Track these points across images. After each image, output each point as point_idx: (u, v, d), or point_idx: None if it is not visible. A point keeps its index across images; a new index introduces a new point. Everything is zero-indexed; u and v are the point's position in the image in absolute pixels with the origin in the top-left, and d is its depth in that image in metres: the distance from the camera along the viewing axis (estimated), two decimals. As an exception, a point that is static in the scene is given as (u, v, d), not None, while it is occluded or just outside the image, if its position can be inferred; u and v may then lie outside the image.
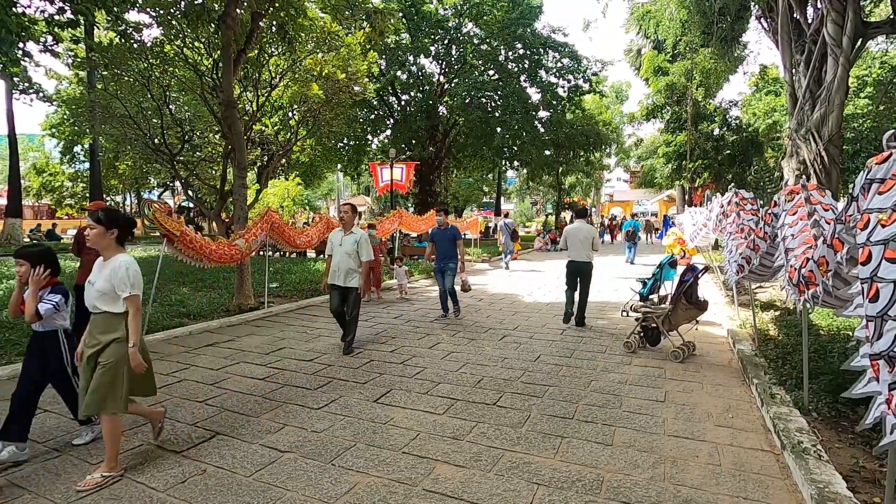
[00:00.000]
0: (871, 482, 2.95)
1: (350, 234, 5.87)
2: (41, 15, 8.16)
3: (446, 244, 7.78)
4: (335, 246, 5.89)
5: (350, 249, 5.80)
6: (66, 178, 30.15)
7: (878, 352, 1.98)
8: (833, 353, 4.95)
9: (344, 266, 5.78)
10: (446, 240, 7.80)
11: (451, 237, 7.82)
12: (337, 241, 5.90)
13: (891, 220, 1.97)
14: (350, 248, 5.80)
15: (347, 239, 5.85)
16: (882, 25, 10.53)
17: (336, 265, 5.82)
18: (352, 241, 5.84)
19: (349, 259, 5.78)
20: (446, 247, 7.77)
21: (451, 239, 7.81)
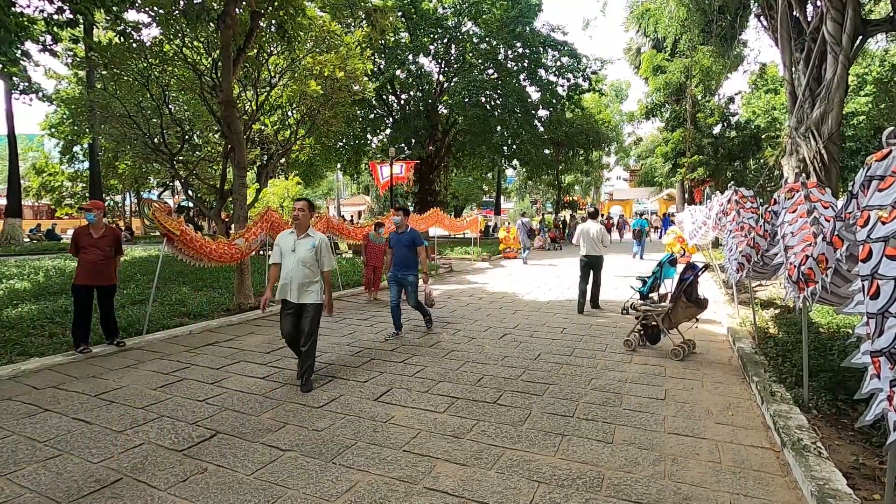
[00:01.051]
0: (871, 479, 2.96)
1: (306, 238, 4.73)
2: (40, 14, 8.16)
3: (403, 251, 6.53)
4: (286, 252, 4.73)
5: (306, 256, 4.65)
6: (66, 178, 30.12)
7: (880, 349, 1.98)
8: (833, 350, 4.95)
9: (298, 277, 4.63)
10: (403, 245, 6.54)
11: (408, 242, 6.55)
12: (288, 245, 4.73)
13: (891, 217, 1.97)
14: (306, 254, 4.65)
15: (303, 243, 4.71)
16: (881, 23, 10.53)
17: (287, 276, 4.66)
18: (308, 245, 4.68)
19: (304, 268, 4.66)
20: (403, 254, 6.53)
21: (408, 245, 6.54)
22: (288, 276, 4.67)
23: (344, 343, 6.35)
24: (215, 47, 9.09)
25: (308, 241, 4.74)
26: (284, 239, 4.82)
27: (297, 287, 4.64)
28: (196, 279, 10.80)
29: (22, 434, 3.64)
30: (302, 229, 4.78)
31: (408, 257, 6.52)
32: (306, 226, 4.80)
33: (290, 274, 4.66)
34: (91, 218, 5.59)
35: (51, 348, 5.69)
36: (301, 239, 4.75)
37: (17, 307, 7.59)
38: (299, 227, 4.77)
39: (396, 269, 6.56)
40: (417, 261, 6.58)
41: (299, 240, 4.74)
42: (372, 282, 9.89)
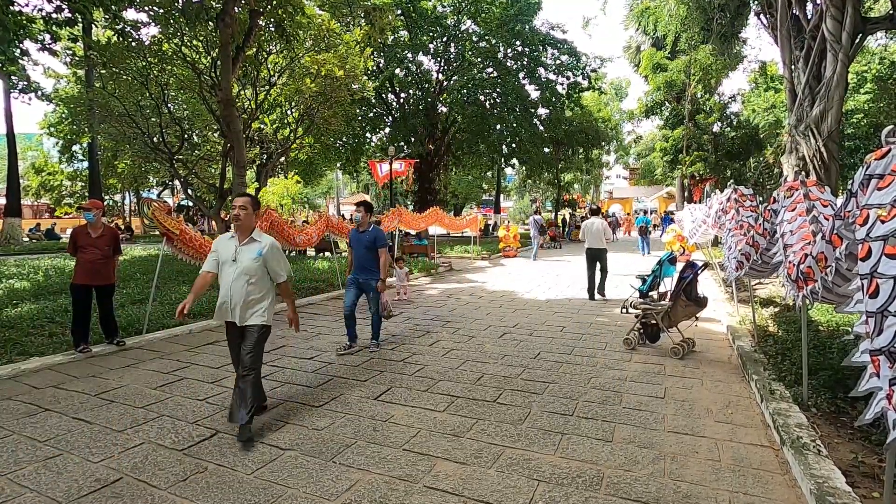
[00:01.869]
0: (871, 477, 2.96)
1: (250, 243, 3.75)
2: (39, 13, 8.15)
3: (363, 252, 5.75)
4: (224, 262, 3.73)
5: (250, 267, 3.66)
6: (65, 178, 30.10)
7: (879, 348, 1.98)
8: (832, 349, 4.96)
9: (240, 294, 3.63)
10: (363, 246, 5.74)
11: (369, 243, 5.73)
12: (227, 253, 3.73)
13: (890, 216, 1.97)
14: (250, 264, 3.67)
15: (246, 251, 3.71)
16: (881, 21, 10.53)
17: (226, 293, 3.67)
18: (253, 253, 3.70)
19: (248, 283, 3.66)
20: (363, 255, 5.76)
21: (369, 245, 5.73)
22: (227, 294, 3.68)
23: (344, 342, 6.35)
24: (214, 46, 9.10)
25: (253, 247, 3.73)
26: (223, 245, 3.79)
27: (239, 306, 3.64)
28: (196, 278, 10.77)
29: (22, 433, 3.65)
30: (245, 232, 3.76)
31: (368, 259, 5.77)
32: (250, 228, 3.79)
33: (231, 290, 3.66)
34: (90, 217, 5.58)
35: (51, 348, 5.69)
36: (244, 245, 3.73)
37: (16, 307, 7.59)
38: (241, 229, 3.75)
39: (356, 271, 5.84)
40: (377, 262, 5.79)
41: (242, 246, 3.73)
42: None
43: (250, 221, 3.79)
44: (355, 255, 5.85)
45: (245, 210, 3.74)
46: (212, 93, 8.95)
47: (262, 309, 3.76)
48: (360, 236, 5.80)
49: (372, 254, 5.75)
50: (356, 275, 5.85)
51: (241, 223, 3.74)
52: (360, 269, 5.82)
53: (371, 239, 5.73)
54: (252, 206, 3.78)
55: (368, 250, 5.74)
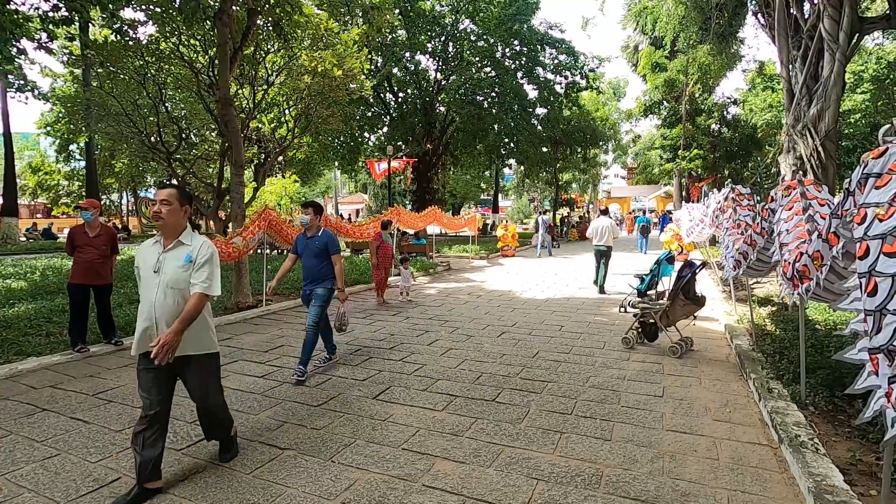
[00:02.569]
0: (868, 475, 2.97)
1: (177, 248, 2.90)
2: (35, 12, 8.11)
3: (312, 260, 5.04)
4: (145, 274, 2.90)
5: (179, 277, 2.84)
6: (62, 177, 30.03)
7: (878, 346, 1.99)
8: (830, 347, 4.97)
9: (168, 312, 2.81)
10: (312, 254, 5.04)
11: (318, 250, 5.02)
12: (148, 262, 2.90)
13: (888, 214, 1.98)
14: (178, 273, 2.85)
15: (172, 258, 2.88)
16: (878, 21, 10.56)
17: (149, 313, 2.82)
18: (180, 260, 2.87)
19: (178, 298, 2.84)
20: (312, 265, 5.04)
21: (319, 253, 5.02)
22: (150, 315, 2.81)
23: (342, 341, 6.34)
24: (212, 45, 9.07)
25: (180, 252, 2.89)
26: (144, 253, 2.95)
27: (167, 329, 2.75)
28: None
29: (20, 434, 3.63)
30: (171, 234, 2.91)
31: (318, 268, 5.03)
32: (177, 228, 2.92)
33: (155, 310, 2.80)
34: (87, 217, 5.57)
35: (48, 348, 5.68)
36: (170, 250, 2.89)
37: (13, 307, 7.56)
38: (165, 230, 2.89)
39: (306, 283, 5.12)
40: (330, 272, 5.06)
41: (167, 252, 2.88)
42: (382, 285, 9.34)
43: (177, 219, 2.90)
44: (304, 264, 5.10)
45: (168, 205, 2.85)
46: (209, 92, 8.92)
47: (200, 331, 2.93)
48: (308, 242, 5.07)
49: (322, 262, 5.04)
50: (307, 287, 5.10)
51: (163, 222, 2.85)
52: (310, 281, 5.07)
53: (322, 245, 5.03)
54: (179, 201, 2.91)
55: (319, 258, 5.03)
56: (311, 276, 5.06)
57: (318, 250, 5.02)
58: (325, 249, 5.03)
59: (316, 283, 5.05)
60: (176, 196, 2.90)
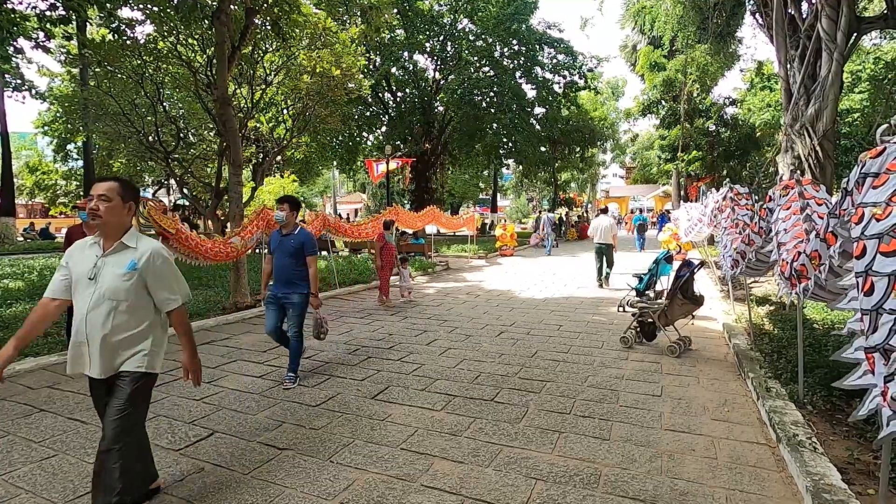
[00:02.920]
0: (866, 474, 2.98)
1: (120, 251, 2.48)
2: (33, 11, 8.09)
3: (287, 260, 4.66)
4: (78, 281, 2.46)
5: (118, 287, 2.42)
6: (60, 177, 29.95)
7: (874, 345, 1.99)
8: (828, 346, 4.98)
9: (102, 328, 2.41)
10: (287, 253, 4.67)
11: (293, 249, 4.66)
12: (83, 268, 2.46)
13: (885, 214, 1.98)
14: (118, 282, 2.42)
15: (112, 263, 2.45)
16: (876, 21, 10.58)
17: (81, 327, 2.43)
18: (123, 266, 2.45)
19: (113, 310, 2.42)
20: (287, 265, 4.66)
21: (293, 252, 4.66)
22: (82, 329, 2.41)
23: (341, 341, 6.35)
24: (210, 44, 9.06)
25: (123, 257, 2.44)
26: (77, 255, 2.49)
27: (101, 350, 2.38)
28: (192, 278, 10.75)
29: (17, 434, 3.63)
30: (111, 235, 2.45)
31: (292, 269, 4.65)
32: (120, 227, 2.46)
33: (87, 324, 2.39)
34: (85, 217, 5.54)
35: (45, 348, 5.67)
36: (109, 255, 2.44)
37: (10, 307, 7.54)
38: (104, 230, 2.45)
39: (277, 285, 4.71)
40: (305, 275, 4.69)
41: (107, 256, 2.43)
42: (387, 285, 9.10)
43: (119, 218, 2.42)
44: (277, 264, 4.71)
45: (107, 201, 2.37)
46: (207, 91, 8.91)
47: (141, 352, 2.47)
48: (283, 240, 4.71)
49: (297, 262, 4.65)
50: (277, 289, 4.70)
51: (101, 221, 2.38)
52: (282, 283, 4.67)
53: (297, 244, 4.66)
54: (122, 196, 2.42)
55: (294, 258, 4.65)
56: (284, 278, 4.67)
57: (294, 250, 4.65)
58: (300, 249, 4.65)
59: (290, 287, 4.66)
60: (117, 190, 2.43)
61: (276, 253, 4.72)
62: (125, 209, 2.47)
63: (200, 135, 13.12)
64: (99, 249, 2.48)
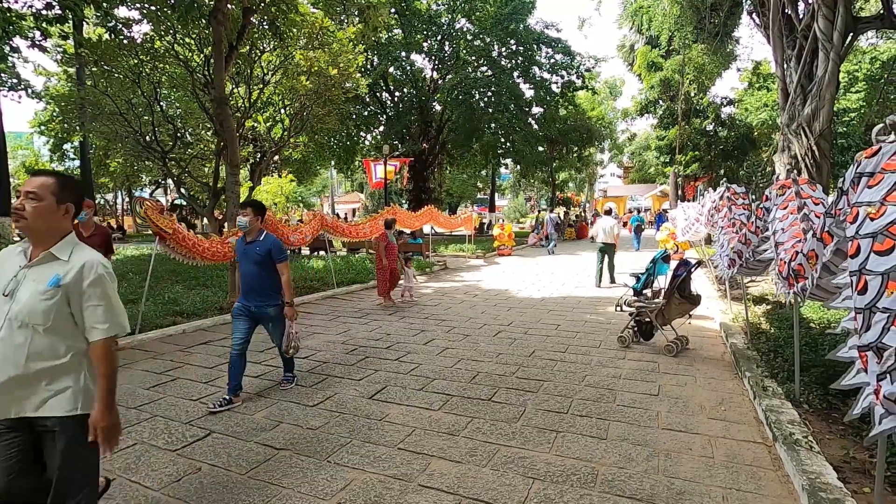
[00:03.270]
0: (861, 472, 2.99)
1: (47, 263, 1.95)
2: (29, 10, 8.06)
3: (253, 269, 4.30)
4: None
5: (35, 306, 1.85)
6: (56, 177, 29.80)
7: (867, 343, 2.00)
8: (824, 345, 4.99)
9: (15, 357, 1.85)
10: (252, 261, 4.29)
11: (260, 257, 4.27)
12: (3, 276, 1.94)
13: (879, 213, 1.99)
14: (36, 301, 1.86)
15: (35, 276, 1.92)
16: (872, 21, 10.62)
17: None
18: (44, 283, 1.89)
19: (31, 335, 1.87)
20: (254, 273, 4.30)
21: (260, 260, 4.28)
22: None
23: (338, 341, 6.34)
24: (207, 44, 9.04)
25: (46, 271, 1.94)
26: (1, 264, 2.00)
27: (15, 384, 1.86)
28: (189, 278, 10.73)
29: None
30: (38, 241, 1.98)
31: (260, 278, 4.31)
32: (50, 234, 1.98)
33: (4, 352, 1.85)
34: (81, 217, 5.53)
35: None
36: (33, 266, 1.95)
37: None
38: (31, 236, 1.98)
39: (245, 295, 4.37)
40: (277, 284, 4.37)
41: (31, 267, 1.95)
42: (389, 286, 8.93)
43: (49, 223, 1.95)
44: (243, 272, 4.38)
45: (37, 201, 1.91)
46: (205, 91, 8.89)
47: (68, 389, 1.92)
48: (247, 249, 4.35)
49: (265, 270, 4.32)
50: (246, 300, 4.36)
51: (26, 224, 1.92)
52: (250, 293, 4.35)
53: (263, 251, 4.30)
54: (57, 195, 1.95)
55: (260, 266, 4.29)
56: (252, 287, 4.34)
57: (260, 257, 4.29)
58: (267, 257, 4.30)
59: (261, 297, 4.33)
60: (52, 188, 1.93)
61: (242, 262, 4.39)
62: (60, 212, 1.96)
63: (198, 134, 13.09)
64: (24, 258, 1.97)
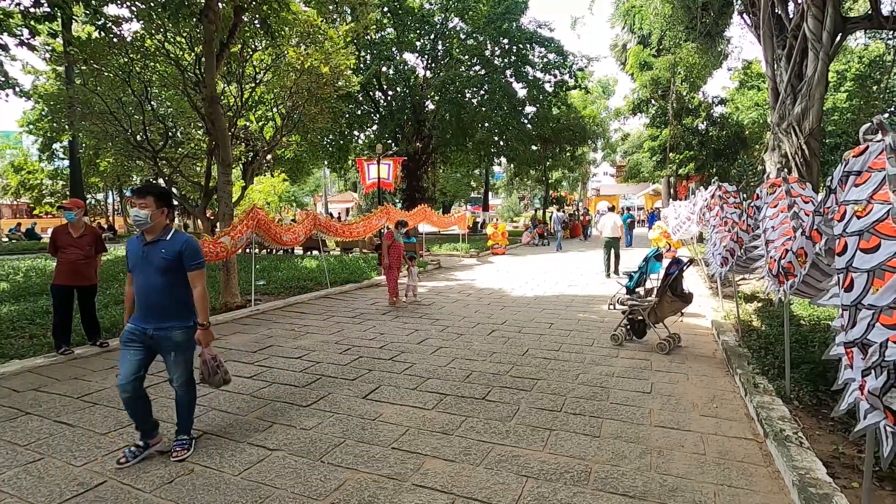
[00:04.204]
0: (850, 468, 3.03)
1: None
2: (17, 7, 7.95)
3: (155, 278, 3.20)
4: None
5: None
6: (46, 176, 29.51)
7: (852, 340, 2.02)
8: (814, 342, 5.05)
9: None
10: (155, 267, 3.20)
11: (167, 262, 3.21)
12: None
13: (866, 211, 2.01)
14: None
15: None
16: (860, 21, 10.74)
17: None
18: None
19: None
20: (154, 284, 3.20)
21: (164, 266, 3.20)
22: None
23: (332, 341, 6.32)
24: (198, 42, 8.96)
25: None
26: None
27: None
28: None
29: (2, 438, 3.57)
30: None
31: (165, 291, 3.20)
32: None
33: None
34: (71, 217, 5.48)
35: (31, 350, 5.58)
36: None
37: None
38: None
39: (141, 315, 3.24)
40: (187, 300, 3.28)
41: None
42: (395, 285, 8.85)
43: None
44: (141, 284, 3.20)
45: None
46: (196, 90, 8.82)
47: None
48: (148, 252, 3.20)
49: (173, 281, 3.20)
50: (142, 322, 3.21)
51: None
52: (149, 312, 3.21)
53: (171, 255, 3.19)
54: None
55: (166, 275, 3.18)
56: (153, 304, 3.19)
57: (166, 263, 3.16)
58: (176, 262, 3.19)
59: (165, 318, 3.21)
60: None
61: (138, 270, 3.22)
62: None
63: (189, 133, 12.98)
64: None
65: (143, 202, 3.19)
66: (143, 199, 3.20)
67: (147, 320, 3.24)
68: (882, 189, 1.98)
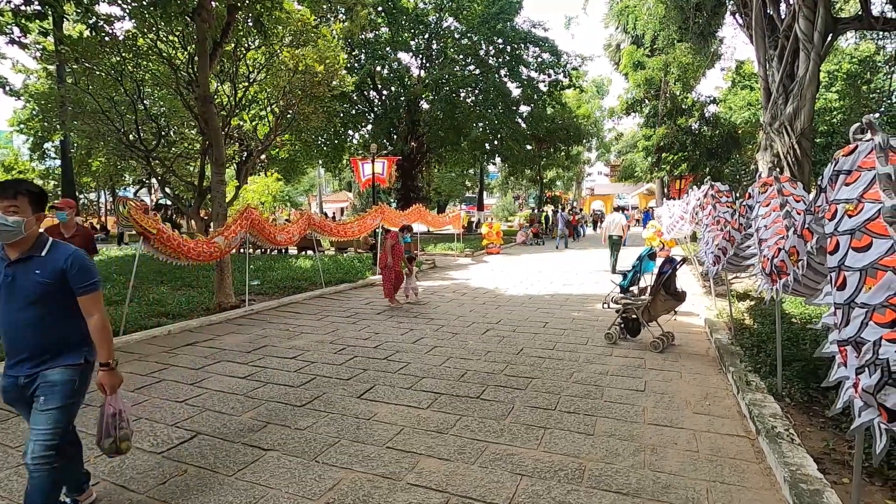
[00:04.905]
0: (841, 464, 3.06)
1: None
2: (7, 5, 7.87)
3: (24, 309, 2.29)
4: None
5: None
6: (37, 176, 29.21)
7: (846, 338, 2.04)
8: (805, 340, 5.10)
9: None
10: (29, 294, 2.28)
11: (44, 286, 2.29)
12: None
13: (857, 211, 2.03)
14: None
15: None
16: (851, 21, 10.84)
17: None
18: None
19: None
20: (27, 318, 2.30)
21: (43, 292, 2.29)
22: None
23: (327, 341, 6.31)
24: (191, 41, 8.90)
25: None
26: None
27: None
28: (175, 278, 10.60)
29: (-7, 440, 3.54)
30: None
31: (42, 325, 2.34)
32: None
33: None
34: (62, 217, 5.43)
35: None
36: None
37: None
38: None
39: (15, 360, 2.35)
40: (75, 331, 2.43)
41: None
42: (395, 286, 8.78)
43: None
44: (3, 320, 2.33)
45: None
46: (189, 89, 8.76)
47: None
48: (19, 271, 2.30)
49: (53, 310, 2.35)
50: (12, 371, 2.36)
51: None
52: (27, 353, 2.34)
53: (48, 276, 2.32)
54: None
55: (43, 304, 2.33)
56: (23, 346, 2.34)
57: (42, 288, 2.31)
58: (56, 285, 2.33)
59: (42, 358, 2.36)
60: None
61: (11, 288, 2.30)
62: None
63: (182, 133, 12.90)
64: None
65: (11, 204, 2.23)
66: (11, 199, 2.23)
67: (21, 364, 2.33)
68: (872, 188, 2.00)
